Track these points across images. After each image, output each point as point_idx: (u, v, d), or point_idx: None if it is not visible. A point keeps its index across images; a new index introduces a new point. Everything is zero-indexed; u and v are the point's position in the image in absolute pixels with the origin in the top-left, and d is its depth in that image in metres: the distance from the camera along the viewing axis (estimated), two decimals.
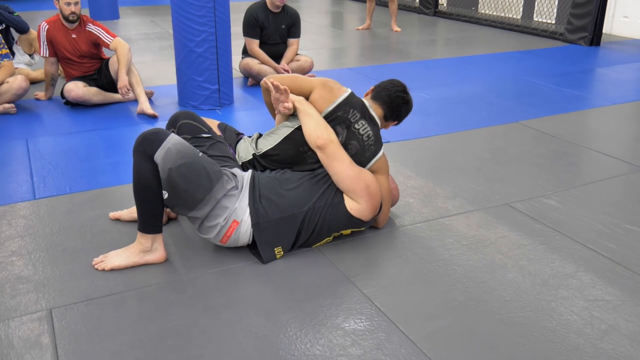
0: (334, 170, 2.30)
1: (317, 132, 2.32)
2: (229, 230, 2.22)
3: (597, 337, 1.87)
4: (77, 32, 4.20)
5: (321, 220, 2.29)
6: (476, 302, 2.04)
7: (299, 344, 1.82)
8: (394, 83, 2.56)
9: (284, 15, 4.92)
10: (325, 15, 9.47)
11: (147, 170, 2.13)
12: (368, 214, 2.32)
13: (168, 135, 2.16)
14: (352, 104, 2.43)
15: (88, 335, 1.85)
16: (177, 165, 2.10)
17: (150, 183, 2.14)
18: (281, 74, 4.80)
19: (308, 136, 2.35)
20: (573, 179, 3.11)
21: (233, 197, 2.23)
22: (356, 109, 2.43)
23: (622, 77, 5.39)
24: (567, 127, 3.94)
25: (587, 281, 2.17)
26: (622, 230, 2.55)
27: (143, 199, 2.18)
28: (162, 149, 2.11)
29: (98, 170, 3.16)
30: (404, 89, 2.56)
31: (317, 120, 2.36)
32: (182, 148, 2.14)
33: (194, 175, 2.13)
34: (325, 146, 2.30)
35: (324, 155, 2.31)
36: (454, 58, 6.18)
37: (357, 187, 2.29)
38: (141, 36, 7.23)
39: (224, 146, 2.49)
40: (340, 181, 2.30)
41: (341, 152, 2.32)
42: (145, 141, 2.14)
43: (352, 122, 2.41)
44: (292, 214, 2.26)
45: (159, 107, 4.30)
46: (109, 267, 2.19)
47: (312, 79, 2.52)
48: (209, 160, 2.22)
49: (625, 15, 7.49)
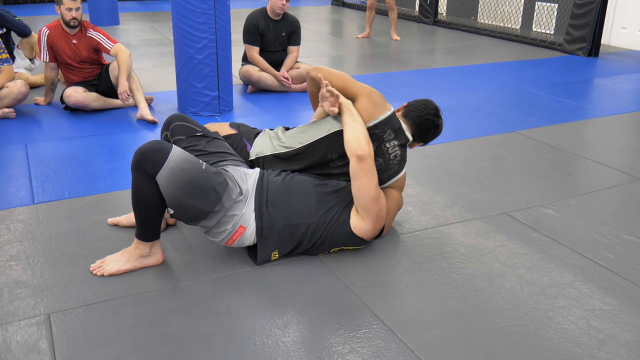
0: (360, 183, 2.25)
1: (361, 142, 2.25)
2: (236, 234, 2.23)
3: (595, 346, 1.87)
4: (77, 37, 4.22)
5: (324, 235, 2.30)
6: (474, 311, 2.05)
7: (297, 351, 1.82)
8: (427, 105, 2.50)
9: (284, 22, 4.94)
10: (325, 23, 9.51)
11: (149, 189, 2.10)
12: (369, 235, 2.33)
13: (169, 151, 2.09)
14: (391, 124, 2.40)
15: (86, 341, 1.85)
16: (182, 183, 2.07)
17: (151, 199, 2.12)
18: (283, 82, 4.84)
19: (349, 143, 2.27)
20: (571, 188, 3.12)
21: (240, 203, 2.22)
22: (392, 130, 2.40)
23: (620, 88, 5.42)
24: (565, 137, 3.95)
25: (584, 291, 2.18)
26: (619, 240, 2.56)
27: (143, 213, 2.17)
28: (164, 168, 2.06)
29: (97, 176, 3.16)
30: (435, 112, 2.50)
31: (362, 130, 2.29)
32: (185, 165, 2.09)
33: (201, 191, 2.11)
34: (364, 158, 2.23)
35: (358, 166, 2.24)
36: (453, 67, 6.20)
37: (372, 209, 2.27)
38: (141, 42, 7.25)
39: (221, 142, 2.47)
40: (360, 196, 2.27)
41: (373, 169, 2.28)
42: (145, 160, 2.08)
43: (385, 140, 2.39)
44: (296, 223, 2.26)
45: (158, 113, 4.31)
46: (108, 273, 2.19)
47: (360, 84, 2.44)
48: (213, 171, 2.18)
49: (624, 27, 7.54)
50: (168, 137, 2.46)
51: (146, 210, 2.16)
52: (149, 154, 2.08)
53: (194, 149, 2.36)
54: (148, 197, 2.12)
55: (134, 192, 2.14)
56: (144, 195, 2.12)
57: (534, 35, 8.03)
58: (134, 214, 2.20)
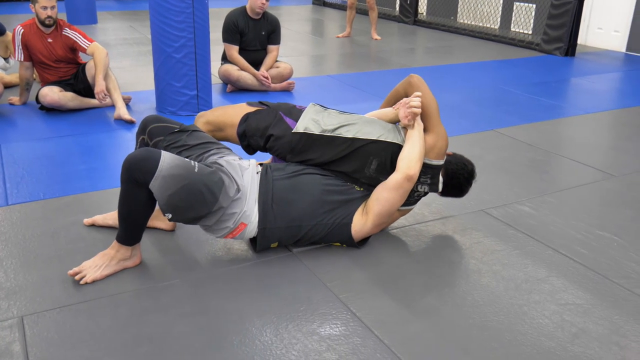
0: (388, 196, 2.30)
1: (416, 164, 2.29)
2: (237, 230, 2.24)
3: (568, 340, 1.90)
4: (53, 36, 4.16)
5: (323, 234, 2.33)
6: (450, 307, 2.06)
7: (275, 350, 1.82)
8: (465, 167, 2.51)
9: (264, 21, 4.93)
10: (305, 22, 9.51)
11: (138, 198, 2.08)
12: (361, 237, 2.38)
13: (158, 159, 2.05)
14: (435, 172, 2.43)
15: (60, 343, 1.83)
16: (177, 190, 2.05)
17: (139, 207, 2.11)
18: (263, 81, 4.83)
19: (405, 158, 2.31)
20: (547, 186, 3.16)
21: (239, 201, 2.21)
22: (431, 177, 2.42)
23: (596, 87, 5.50)
24: (542, 136, 4.00)
25: (558, 286, 2.21)
26: (593, 236, 2.60)
27: (130, 220, 2.15)
28: (156, 178, 2.02)
29: (73, 176, 3.12)
30: (468, 177, 2.51)
31: (421, 154, 2.33)
32: (176, 171, 2.06)
33: (196, 195, 2.10)
34: (410, 179, 2.28)
35: (399, 183, 2.28)
36: (433, 66, 6.24)
37: (382, 220, 2.36)
38: (119, 41, 7.18)
39: (201, 133, 2.44)
40: (380, 205, 2.31)
41: (408, 191, 2.33)
42: (135, 169, 2.03)
43: (420, 182, 2.42)
44: (299, 224, 2.29)
45: (136, 112, 4.27)
46: (91, 280, 2.14)
47: (440, 122, 2.46)
48: (207, 171, 2.15)
49: (600, 27, 7.65)
50: (146, 141, 2.43)
51: (134, 217, 2.14)
52: (139, 163, 2.04)
53: (175, 146, 2.33)
54: (136, 206, 2.10)
55: (123, 200, 2.11)
56: (133, 203, 2.10)
57: (512, 35, 8.12)
58: (119, 220, 2.17)
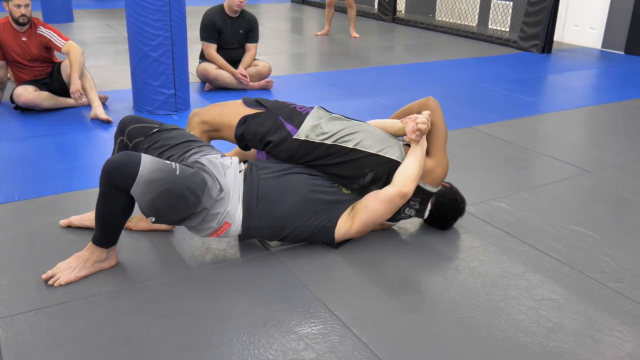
0: (377, 207, 2.32)
1: (412, 182, 2.30)
2: (221, 230, 2.23)
3: (543, 335, 1.92)
4: (27, 35, 4.10)
5: (306, 235, 2.34)
6: (428, 304, 2.08)
7: (252, 349, 1.82)
8: (456, 204, 2.52)
9: (241, 20, 4.91)
10: (284, 20, 9.48)
11: (118, 203, 2.06)
12: (344, 239, 2.39)
13: (139, 163, 2.01)
14: (426, 198, 2.46)
15: (35, 346, 1.80)
16: (158, 193, 2.02)
17: (118, 211, 2.09)
18: (241, 79, 4.81)
19: (402, 174, 2.32)
20: (523, 182, 3.19)
21: (222, 201, 2.20)
22: (421, 202, 2.45)
23: (572, 84, 5.57)
24: (518, 132, 4.04)
25: (534, 281, 2.23)
26: (568, 231, 2.64)
27: (107, 223, 2.13)
28: (137, 183, 1.99)
29: (49, 177, 3.08)
30: (454, 215, 2.53)
31: (419, 173, 2.34)
32: (157, 175, 2.03)
33: (178, 198, 2.07)
34: (404, 197, 2.29)
35: (390, 195, 2.29)
36: (412, 64, 6.27)
37: (367, 227, 2.38)
38: (96, 40, 7.10)
39: (181, 131, 2.41)
40: (368, 214, 2.33)
41: (397, 207, 2.34)
42: (115, 174, 2.00)
43: (409, 205, 2.44)
44: (282, 224, 2.29)
45: (113, 112, 4.23)
46: (65, 282, 2.12)
47: (444, 150, 2.47)
48: (189, 173, 2.12)
49: (576, 24, 7.74)
50: (125, 142, 2.39)
51: (111, 220, 2.12)
52: (120, 168, 2.01)
53: (156, 147, 2.31)
54: (115, 209, 2.08)
55: (101, 203, 2.08)
56: (111, 207, 2.07)
57: (490, 32, 8.19)
58: (96, 222, 2.14)
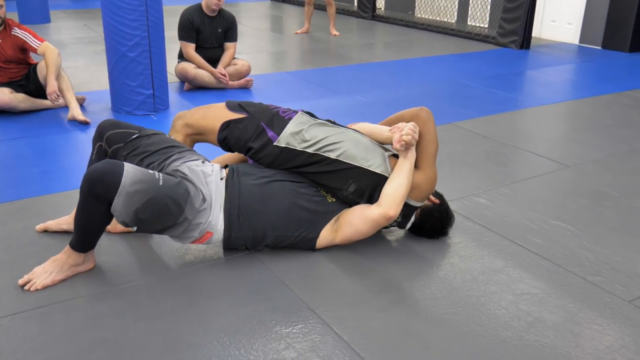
0: (361, 226, 2.29)
1: (398, 206, 2.24)
2: (203, 238, 2.22)
3: (524, 329, 1.94)
4: (2, 36, 4.03)
5: (288, 244, 2.33)
6: (409, 301, 2.08)
7: (233, 350, 1.80)
8: (443, 218, 2.46)
9: (220, 18, 4.88)
10: (264, 19, 9.45)
11: (98, 212, 2.02)
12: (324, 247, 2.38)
13: (121, 173, 1.97)
14: (411, 212, 2.40)
15: (12, 352, 1.77)
16: (142, 204, 2.00)
17: (98, 221, 2.07)
18: (220, 78, 4.78)
19: (389, 196, 2.24)
20: (503, 177, 3.21)
21: (204, 211, 2.18)
22: (405, 216, 2.39)
23: (550, 79, 5.62)
24: (498, 128, 4.07)
25: (514, 276, 2.25)
26: (548, 225, 2.66)
27: (86, 230, 2.10)
28: (119, 194, 1.96)
29: (26, 180, 3.04)
30: (440, 229, 2.47)
31: (406, 195, 2.29)
32: (140, 186, 2.00)
33: (161, 208, 2.05)
34: (389, 220, 2.25)
35: (375, 217, 2.24)
36: (392, 61, 6.28)
37: (350, 240, 2.35)
38: (74, 40, 7.01)
39: (162, 136, 2.38)
40: (351, 231, 2.31)
41: (380, 227, 2.32)
42: (97, 183, 1.96)
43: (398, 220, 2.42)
44: (263, 234, 2.28)
45: (91, 113, 4.18)
46: (41, 286, 2.09)
47: (434, 165, 2.39)
48: (172, 183, 2.09)
49: (554, 20, 7.82)
50: (104, 148, 2.35)
51: (90, 227, 2.09)
52: (102, 178, 1.97)
53: (135, 153, 2.28)
54: (94, 217, 2.05)
55: (81, 211, 2.05)
56: (91, 215, 2.04)
57: (469, 29, 8.23)
58: (75, 227, 2.11)
